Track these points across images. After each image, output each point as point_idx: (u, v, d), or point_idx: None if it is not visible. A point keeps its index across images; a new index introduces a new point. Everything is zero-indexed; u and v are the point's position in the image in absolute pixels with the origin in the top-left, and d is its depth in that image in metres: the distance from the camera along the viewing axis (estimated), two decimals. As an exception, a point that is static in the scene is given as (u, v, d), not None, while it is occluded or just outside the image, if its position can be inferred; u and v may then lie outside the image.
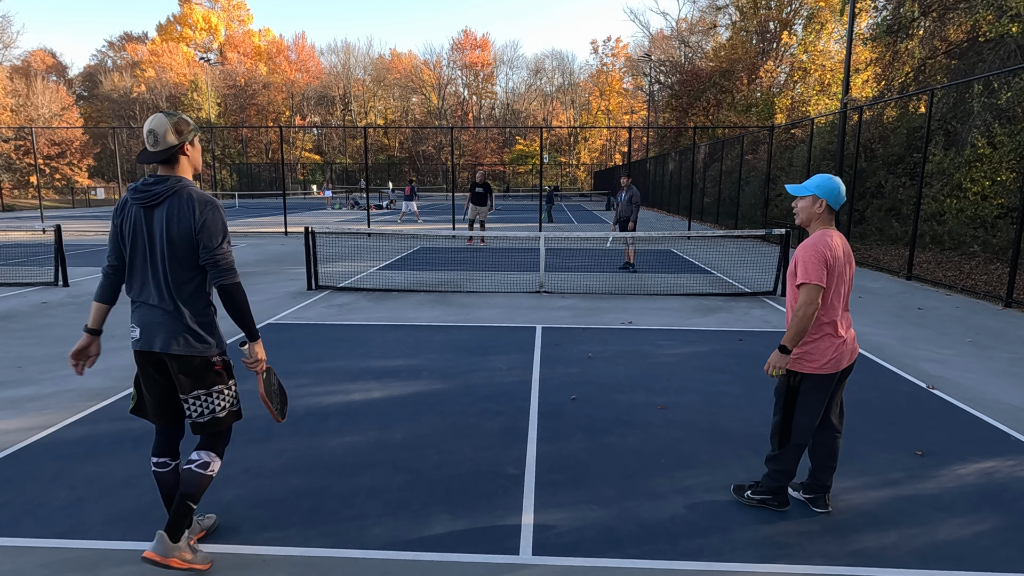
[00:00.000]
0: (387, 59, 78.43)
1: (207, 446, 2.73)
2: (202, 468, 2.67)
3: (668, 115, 43.71)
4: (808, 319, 2.87)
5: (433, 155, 73.99)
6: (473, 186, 15.81)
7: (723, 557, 2.81)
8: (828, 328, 2.96)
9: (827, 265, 2.88)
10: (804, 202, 3.05)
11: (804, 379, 3.02)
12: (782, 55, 35.12)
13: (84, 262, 12.79)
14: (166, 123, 2.54)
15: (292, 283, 10.16)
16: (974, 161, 11.75)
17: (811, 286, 2.86)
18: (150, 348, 2.58)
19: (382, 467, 3.67)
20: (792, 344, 2.92)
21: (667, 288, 9.72)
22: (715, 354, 6.08)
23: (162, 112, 2.60)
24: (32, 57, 65.33)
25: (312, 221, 25.29)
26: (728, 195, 21.94)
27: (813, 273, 2.86)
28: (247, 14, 77.80)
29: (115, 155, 20.98)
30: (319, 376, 5.37)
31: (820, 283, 2.85)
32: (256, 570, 2.71)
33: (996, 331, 7.08)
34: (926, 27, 15.75)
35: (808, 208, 3.04)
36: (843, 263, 2.98)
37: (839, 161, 13.97)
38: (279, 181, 48.79)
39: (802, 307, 2.87)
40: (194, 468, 2.66)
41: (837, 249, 2.95)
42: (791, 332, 2.90)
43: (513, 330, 7.01)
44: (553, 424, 4.31)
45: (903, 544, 2.90)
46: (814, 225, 3.04)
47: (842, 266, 2.97)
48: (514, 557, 2.81)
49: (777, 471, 3.15)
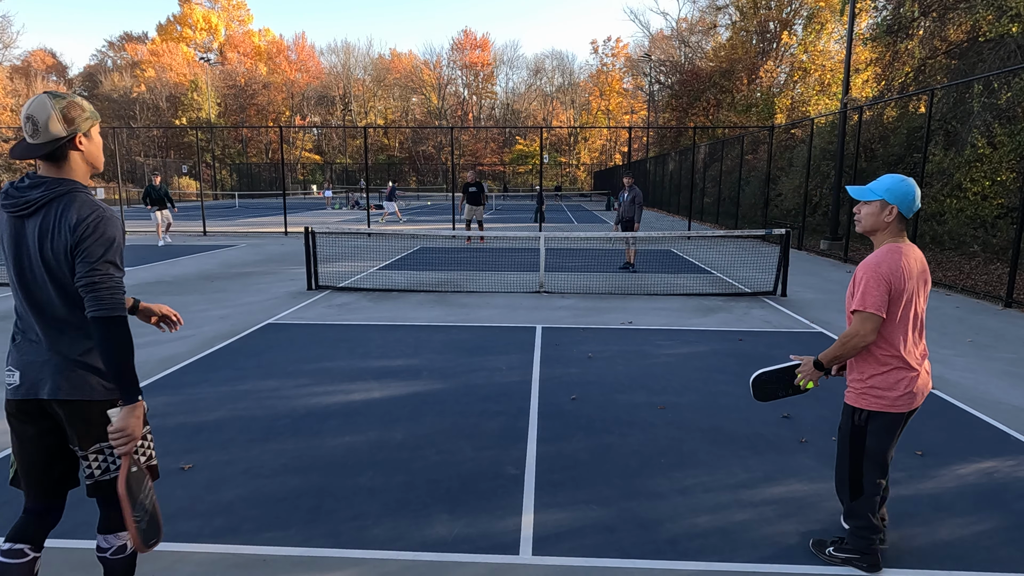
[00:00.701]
0: (387, 59, 78.45)
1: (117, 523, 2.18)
2: (121, 552, 2.22)
3: (668, 115, 43.72)
4: (855, 351, 2.50)
5: (433, 155, 73.99)
6: (466, 187, 16.07)
7: (723, 557, 2.81)
8: (900, 360, 2.51)
9: (891, 291, 2.43)
10: (870, 208, 2.54)
11: (871, 418, 2.56)
12: (782, 55, 35.12)
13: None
14: (50, 107, 1.91)
15: (292, 283, 10.16)
16: (974, 161, 11.75)
17: (866, 315, 2.43)
18: (35, 395, 2.01)
19: (382, 467, 3.67)
20: (828, 364, 2.60)
21: (667, 288, 9.72)
22: (715, 354, 6.08)
23: (48, 93, 1.95)
24: (32, 57, 65.39)
25: (312, 221, 25.29)
26: (728, 195, 21.95)
27: (871, 300, 2.42)
28: (247, 14, 77.83)
29: (115, 155, 20.96)
30: (319, 376, 5.37)
31: (878, 313, 2.42)
32: (256, 570, 2.71)
33: (996, 331, 7.08)
34: (926, 27, 15.74)
35: (875, 215, 2.53)
36: (916, 286, 2.49)
37: (839, 161, 13.97)
38: (279, 181, 48.78)
39: (851, 337, 2.47)
40: (109, 556, 2.20)
41: (910, 269, 2.46)
42: (831, 352, 2.56)
43: (513, 330, 7.01)
44: (553, 424, 4.31)
45: (903, 544, 2.90)
46: (881, 236, 2.55)
47: (914, 290, 2.48)
48: (514, 557, 2.81)
49: (859, 527, 2.70)
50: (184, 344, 6.39)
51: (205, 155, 51.04)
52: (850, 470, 2.65)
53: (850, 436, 2.63)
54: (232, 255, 14.13)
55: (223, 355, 6.00)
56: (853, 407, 2.60)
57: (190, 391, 4.98)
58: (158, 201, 16.22)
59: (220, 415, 4.47)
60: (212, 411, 4.54)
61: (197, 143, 33.03)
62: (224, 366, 5.65)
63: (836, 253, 13.59)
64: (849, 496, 2.69)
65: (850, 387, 2.63)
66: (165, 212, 16.34)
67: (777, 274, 9.16)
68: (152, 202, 16.23)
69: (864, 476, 2.62)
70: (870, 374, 2.54)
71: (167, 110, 62.96)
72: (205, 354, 6.03)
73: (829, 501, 3.29)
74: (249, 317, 7.63)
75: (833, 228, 14.31)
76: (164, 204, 16.31)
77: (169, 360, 5.83)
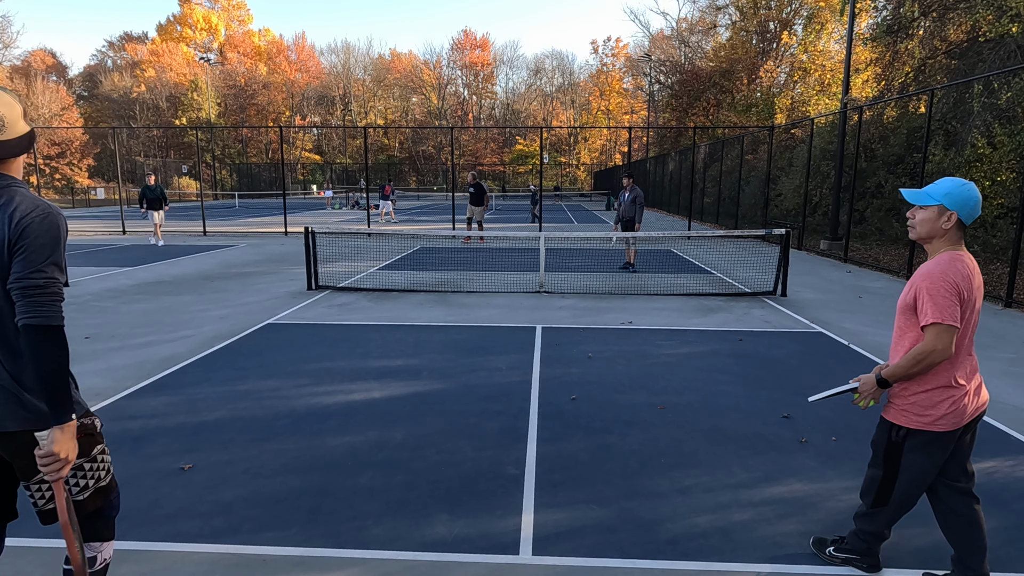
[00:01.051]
0: (387, 59, 78.45)
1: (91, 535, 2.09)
2: (90, 565, 2.09)
3: (668, 115, 43.71)
4: (932, 367, 2.33)
5: (433, 155, 74.00)
6: (467, 187, 16.55)
7: (723, 557, 2.81)
8: (945, 377, 2.37)
9: (962, 300, 2.29)
10: (926, 213, 2.38)
11: (910, 435, 2.43)
12: (782, 55, 35.12)
13: (84, 262, 12.79)
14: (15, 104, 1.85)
15: (292, 283, 10.16)
16: (974, 161, 11.75)
17: (943, 328, 2.25)
18: None
19: (382, 467, 3.67)
20: (894, 380, 2.39)
21: (667, 288, 9.72)
22: (715, 354, 6.08)
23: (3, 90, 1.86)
24: (32, 57, 65.33)
25: (312, 221, 25.30)
26: (728, 195, 21.95)
27: (948, 311, 2.25)
28: (247, 14, 77.82)
29: (115, 155, 20.96)
30: (319, 376, 5.37)
31: (956, 324, 2.26)
32: (256, 570, 2.71)
33: (996, 331, 7.08)
34: (926, 27, 15.74)
35: (931, 222, 2.37)
36: (976, 296, 2.38)
37: (839, 161, 13.97)
38: (279, 181, 48.81)
39: (927, 354, 2.28)
40: None
41: (973, 278, 2.34)
42: (900, 370, 2.35)
43: (513, 330, 7.01)
44: (553, 424, 4.31)
45: (903, 544, 2.90)
46: (937, 244, 2.39)
47: (974, 300, 2.37)
48: (514, 557, 2.81)
49: (867, 531, 2.66)
50: (184, 344, 6.39)
51: (205, 155, 51.05)
52: (880, 482, 2.53)
53: (885, 451, 2.50)
54: (232, 255, 14.13)
55: (223, 355, 6.00)
56: (891, 423, 2.46)
57: (190, 391, 4.98)
58: (153, 202, 16.20)
59: (220, 415, 4.47)
60: (212, 411, 4.54)
61: (197, 143, 33.03)
62: (224, 366, 5.65)
63: (836, 253, 13.59)
64: (873, 502, 2.57)
65: (891, 402, 2.48)
66: (160, 212, 16.32)
67: (777, 274, 9.16)
68: (148, 203, 16.20)
69: (895, 491, 2.50)
70: (914, 391, 2.39)
71: (167, 110, 62.97)
72: (205, 354, 6.03)
73: (829, 501, 3.29)
74: (249, 317, 7.63)
75: (833, 228, 14.31)
76: (159, 205, 16.28)
77: (169, 360, 5.83)
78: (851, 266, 12.36)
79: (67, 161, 45.57)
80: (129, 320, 7.50)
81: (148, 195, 16.18)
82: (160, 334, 6.80)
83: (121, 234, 19.49)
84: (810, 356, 6.05)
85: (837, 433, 4.17)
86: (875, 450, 2.56)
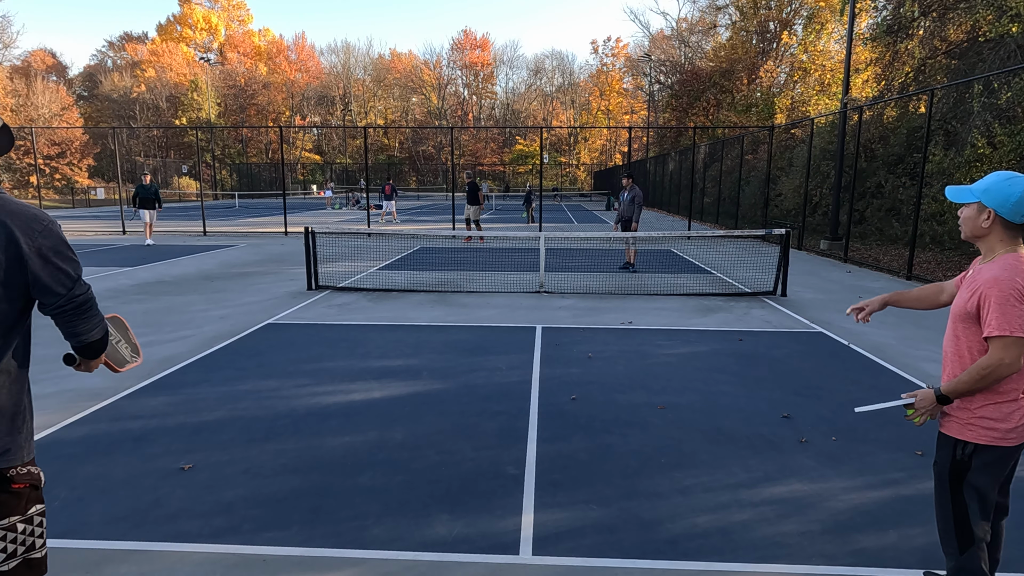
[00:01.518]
0: (387, 59, 78.46)
1: None
2: None
3: (668, 115, 43.71)
4: (998, 381, 2.11)
5: (433, 155, 74.01)
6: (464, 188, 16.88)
7: (723, 557, 2.81)
8: (1014, 390, 2.15)
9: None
10: (968, 211, 2.20)
11: (977, 452, 2.18)
12: (782, 55, 35.12)
13: (84, 262, 12.79)
14: None
15: (292, 283, 10.16)
16: (974, 161, 11.75)
17: (1013, 340, 2.03)
18: None
19: (382, 467, 3.67)
20: (956, 396, 2.17)
21: (667, 288, 9.72)
22: (715, 354, 6.08)
23: None
24: (32, 57, 65.35)
25: (312, 221, 25.30)
26: (728, 195, 21.96)
27: (1017, 322, 2.02)
28: (247, 14, 77.83)
29: (115, 155, 20.96)
30: (319, 376, 5.37)
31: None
32: (256, 570, 2.71)
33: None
34: (926, 27, 15.75)
35: (971, 220, 2.18)
36: None
37: (839, 161, 13.98)
38: (279, 181, 48.78)
39: (993, 368, 2.06)
40: None
41: None
42: (963, 385, 2.14)
43: (513, 330, 7.01)
44: (553, 424, 4.31)
45: (903, 544, 2.90)
46: (988, 244, 2.18)
47: None
48: (514, 557, 2.81)
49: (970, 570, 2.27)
50: (184, 344, 6.39)
51: (205, 155, 51.04)
52: (954, 513, 2.23)
53: (951, 472, 2.24)
54: (232, 255, 14.13)
55: (223, 355, 6.00)
56: (956, 439, 2.21)
57: (190, 391, 4.98)
58: (146, 201, 16.18)
59: (220, 415, 4.47)
60: (212, 411, 4.54)
61: (197, 143, 33.05)
62: (224, 366, 5.65)
63: (836, 253, 13.58)
64: (958, 547, 2.23)
65: (953, 416, 2.24)
66: (152, 212, 16.30)
67: (777, 274, 9.16)
68: (141, 202, 16.19)
69: (971, 518, 2.21)
70: (981, 403, 2.16)
71: (167, 110, 62.97)
72: (205, 354, 6.03)
73: (829, 501, 3.29)
74: (249, 317, 7.63)
75: (833, 228, 14.31)
76: (153, 204, 16.26)
77: (169, 360, 5.83)
78: (851, 266, 12.36)
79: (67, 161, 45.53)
80: (129, 320, 7.48)
81: (142, 194, 16.16)
82: (160, 334, 6.80)
83: (121, 234, 19.49)
84: (810, 356, 6.05)
85: (837, 433, 4.17)
86: (939, 474, 2.29)
